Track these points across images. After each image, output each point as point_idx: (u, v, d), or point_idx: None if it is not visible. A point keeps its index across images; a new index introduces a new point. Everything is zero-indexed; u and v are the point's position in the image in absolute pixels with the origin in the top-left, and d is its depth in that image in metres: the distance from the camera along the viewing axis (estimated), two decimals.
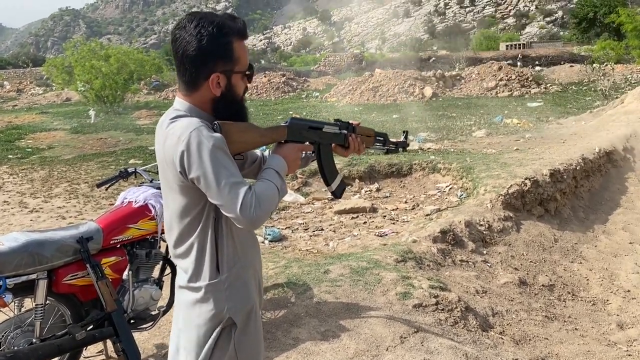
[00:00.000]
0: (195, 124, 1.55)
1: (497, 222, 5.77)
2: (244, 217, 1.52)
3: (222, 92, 1.64)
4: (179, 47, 1.60)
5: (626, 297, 5.02)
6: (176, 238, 1.69)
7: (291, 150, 1.75)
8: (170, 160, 1.58)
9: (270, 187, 1.61)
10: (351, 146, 1.90)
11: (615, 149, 7.98)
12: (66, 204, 7.27)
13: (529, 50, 43.85)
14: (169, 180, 1.64)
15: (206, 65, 1.60)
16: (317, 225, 6.26)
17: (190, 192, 1.60)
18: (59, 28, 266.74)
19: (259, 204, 1.54)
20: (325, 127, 1.85)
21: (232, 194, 1.52)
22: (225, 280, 1.67)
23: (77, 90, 23.20)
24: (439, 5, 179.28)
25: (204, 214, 1.63)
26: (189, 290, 1.69)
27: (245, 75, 1.69)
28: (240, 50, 1.65)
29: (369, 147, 2.04)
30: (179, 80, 1.67)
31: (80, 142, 13.30)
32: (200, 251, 1.65)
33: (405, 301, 3.72)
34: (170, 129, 1.60)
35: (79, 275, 2.82)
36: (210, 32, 1.58)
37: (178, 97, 1.69)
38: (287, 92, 27.55)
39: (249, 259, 1.74)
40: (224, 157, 1.55)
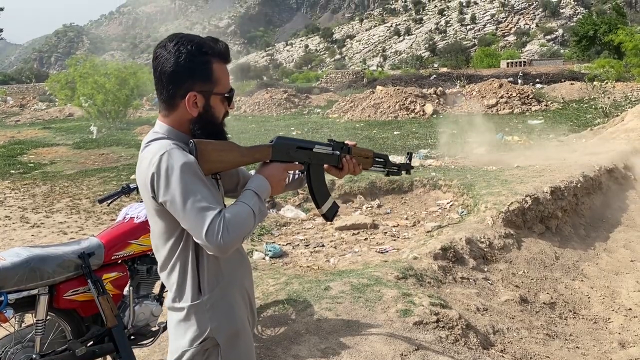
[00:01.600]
0: (166, 147, 1.54)
1: (498, 239, 5.77)
2: (210, 244, 1.49)
3: (199, 113, 1.62)
4: (157, 65, 1.61)
5: (628, 315, 5.00)
6: (162, 261, 1.69)
7: (275, 170, 1.70)
8: (143, 185, 1.58)
9: (244, 210, 1.56)
10: (345, 167, 1.86)
11: (616, 166, 8.00)
12: (67, 220, 7.29)
13: (530, 68, 44.16)
14: (147, 204, 1.64)
15: (183, 83, 1.59)
16: (318, 242, 6.26)
17: (166, 216, 1.59)
18: (62, 44, 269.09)
19: (226, 230, 1.49)
20: (316, 147, 1.79)
21: (199, 219, 1.49)
22: (207, 301, 1.65)
23: (79, 106, 23.35)
24: (439, 23, 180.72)
25: (184, 236, 1.62)
26: (173, 310, 1.68)
27: (226, 98, 1.67)
28: (220, 72, 1.64)
29: (366, 169, 1.98)
30: (158, 99, 1.67)
31: (82, 158, 13.36)
32: (182, 272, 1.64)
33: (405, 318, 3.71)
34: (144, 152, 1.60)
35: (80, 291, 2.83)
36: (189, 50, 1.58)
37: (158, 119, 1.69)
38: (288, 108, 27.69)
39: (234, 277, 1.72)
40: (194, 180, 1.52)
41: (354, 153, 1.89)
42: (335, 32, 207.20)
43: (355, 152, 1.90)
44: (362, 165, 1.94)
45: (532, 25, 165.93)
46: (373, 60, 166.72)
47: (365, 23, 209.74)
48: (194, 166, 1.53)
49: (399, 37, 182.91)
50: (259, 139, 15.48)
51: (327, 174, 1.88)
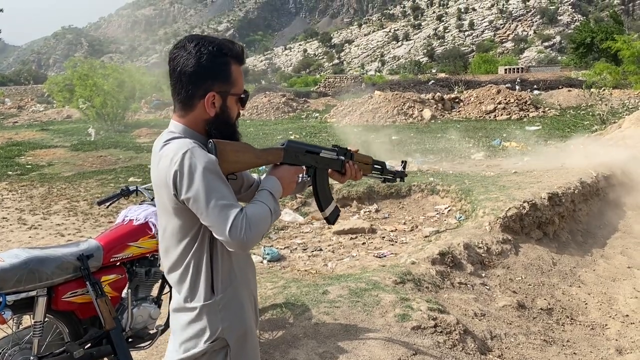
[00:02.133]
0: (188, 145, 1.56)
1: (496, 245, 5.78)
2: (233, 240, 1.52)
3: (216, 113, 1.65)
4: (176, 65, 1.62)
5: (625, 321, 5.00)
6: (173, 261, 1.68)
7: (287, 172, 1.75)
8: (164, 183, 1.59)
9: (263, 209, 1.60)
10: (348, 173, 1.91)
11: (613, 173, 8.02)
12: (65, 221, 7.28)
13: (527, 74, 44.34)
14: (164, 203, 1.64)
15: (203, 83, 1.62)
16: (315, 246, 6.26)
17: (185, 214, 1.60)
18: (61, 46, 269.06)
19: (249, 227, 1.52)
20: (322, 152, 1.84)
21: (222, 216, 1.52)
22: (220, 301, 1.66)
23: (77, 108, 23.35)
24: (438, 29, 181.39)
25: (200, 235, 1.63)
26: (183, 311, 1.69)
27: (240, 99, 1.70)
28: (237, 74, 1.68)
29: (366, 175, 2.04)
30: (174, 100, 1.68)
31: (80, 160, 13.34)
32: (196, 272, 1.65)
33: (403, 323, 3.72)
34: (163, 150, 1.61)
35: (78, 293, 2.82)
36: (210, 51, 1.61)
37: (173, 120, 1.70)
38: (287, 112, 27.71)
39: (244, 278, 1.74)
40: (216, 178, 1.55)
41: (356, 159, 1.95)
42: (333, 37, 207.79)
43: (357, 158, 1.96)
44: (362, 171, 1.99)
45: (529, 32, 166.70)
46: (371, 65, 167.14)
47: (363, 28, 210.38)
48: (216, 165, 1.57)
49: (397, 43, 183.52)
50: (257, 143, 15.49)
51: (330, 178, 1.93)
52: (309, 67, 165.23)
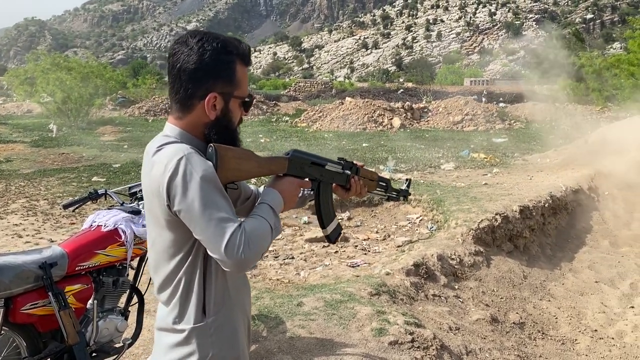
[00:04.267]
0: (184, 151, 1.41)
1: (468, 257, 5.76)
2: (229, 259, 1.36)
3: (217, 116, 1.50)
4: (176, 61, 1.48)
5: (594, 337, 5.04)
6: (164, 279, 1.53)
7: (290, 185, 1.59)
8: (156, 192, 1.43)
9: (263, 225, 1.45)
10: (353, 188, 1.77)
11: (580, 187, 8.15)
12: (23, 222, 6.92)
13: (493, 87, 45.24)
14: (155, 214, 1.49)
15: (205, 82, 1.47)
16: (287, 254, 6.12)
17: (178, 227, 1.45)
18: (23, 38, 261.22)
19: (247, 244, 1.37)
20: (328, 164, 1.71)
21: (218, 231, 1.37)
22: (212, 323, 1.51)
23: (39, 102, 22.60)
24: (406, 38, 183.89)
25: (194, 250, 1.48)
26: (170, 332, 1.53)
27: (244, 103, 1.57)
28: (242, 75, 1.54)
29: (370, 192, 1.91)
30: (171, 100, 1.54)
31: (41, 156, 12.83)
32: (186, 291, 1.50)
33: (380, 338, 3.62)
34: (156, 156, 1.46)
35: (39, 304, 2.61)
36: (214, 48, 1.48)
37: (168, 122, 1.55)
38: (256, 114, 27.46)
39: (239, 300, 1.59)
40: (214, 189, 1.40)
41: (362, 174, 1.82)
42: (304, 42, 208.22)
43: (362, 173, 1.83)
44: (367, 187, 1.86)
45: (495, 45, 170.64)
46: (340, 71, 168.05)
47: (334, 34, 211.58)
48: (214, 174, 1.42)
49: (367, 50, 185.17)
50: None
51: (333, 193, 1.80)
52: (278, 70, 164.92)
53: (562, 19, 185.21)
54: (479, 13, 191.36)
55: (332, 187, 1.76)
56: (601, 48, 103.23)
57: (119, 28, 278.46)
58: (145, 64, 66.18)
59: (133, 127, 20.49)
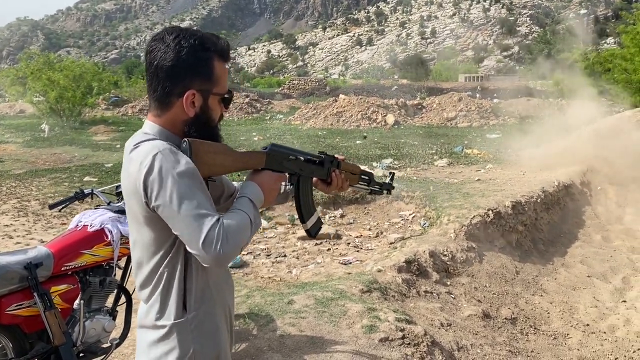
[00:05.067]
0: (160, 147, 1.41)
1: (461, 253, 5.76)
2: (208, 254, 1.35)
3: (196, 114, 1.50)
4: (153, 59, 1.47)
5: (586, 331, 5.05)
6: (145, 277, 1.52)
7: (269, 178, 1.59)
8: (133, 189, 1.43)
9: (242, 218, 1.44)
10: (334, 182, 1.77)
11: (573, 182, 8.17)
12: (14, 222, 6.89)
13: (487, 83, 45.30)
14: (134, 212, 1.48)
15: (182, 79, 1.47)
16: (279, 252, 6.11)
17: (157, 223, 1.44)
18: (15, 38, 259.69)
19: (226, 239, 1.36)
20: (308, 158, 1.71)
21: (195, 226, 1.36)
22: (193, 319, 1.51)
23: (31, 102, 22.50)
24: (401, 35, 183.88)
25: (174, 247, 1.47)
26: (151, 328, 1.52)
27: (223, 99, 1.56)
28: (221, 71, 1.53)
29: (352, 185, 1.90)
30: (150, 98, 1.53)
31: (33, 157, 12.78)
32: (167, 287, 1.49)
33: (371, 335, 3.61)
34: (133, 154, 1.45)
35: (24, 305, 2.59)
36: (191, 44, 1.46)
37: (147, 120, 1.55)
38: (250, 113, 27.43)
39: (220, 295, 1.58)
40: (192, 183, 1.39)
41: (343, 168, 1.81)
42: (298, 39, 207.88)
43: (344, 167, 1.81)
44: (348, 181, 1.85)
45: (489, 41, 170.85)
46: (335, 68, 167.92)
47: (328, 31, 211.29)
48: (193, 169, 1.41)
49: (361, 47, 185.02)
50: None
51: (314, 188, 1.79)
52: (272, 68, 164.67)
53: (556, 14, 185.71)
54: (472, 9, 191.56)
55: (313, 182, 1.76)
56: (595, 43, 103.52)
57: (112, 27, 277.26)
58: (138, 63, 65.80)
59: (126, 127, 20.40)
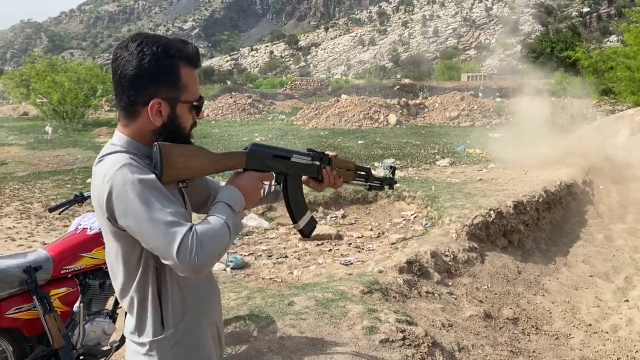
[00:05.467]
0: (123, 161, 1.36)
1: (462, 253, 5.75)
2: (182, 264, 1.30)
3: (163, 122, 1.45)
4: (117, 67, 1.43)
5: (588, 331, 5.03)
6: (119, 289, 1.51)
7: (249, 179, 1.53)
8: (97, 204, 1.40)
9: (218, 224, 1.38)
10: (325, 180, 1.72)
11: (575, 181, 8.14)
12: (17, 225, 6.91)
13: (490, 82, 45.20)
14: (102, 225, 1.46)
15: (146, 88, 1.42)
16: (281, 252, 6.11)
17: (123, 238, 1.41)
18: (19, 40, 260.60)
19: (200, 246, 1.31)
20: (294, 156, 1.65)
21: (168, 237, 1.31)
22: (172, 336, 1.48)
23: (35, 105, 22.58)
24: (403, 35, 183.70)
25: (142, 264, 1.44)
26: (134, 342, 1.52)
27: (194, 107, 1.51)
28: (189, 78, 1.48)
29: (347, 182, 1.85)
30: (118, 107, 1.49)
31: (36, 159, 12.82)
32: (141, 305, 1.47)
33: (371, 336, 3.61)
34: (98, 167, 1.42)
35: (24, 308, 2.61)
36: (154, 52, 1.42)
37: (117, 130, 1.51)
38: (252, 113, 27.45)
39: (203, 307, 1.55)
40: (157, 194, 1.34)
41: (335, 164, 1.76)
42: (300, 40, 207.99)
43: (336, 163, 1.76)
44: (343, 177, 1.80)
45: (492, 40, 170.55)
46: (337, 68, 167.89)
47: (330, 32, 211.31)
48: (154, 180, 1.36)
49: (363, 47, 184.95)
50: (221, 144, 15.22)
51: (306, 186, 1.74)
52: (275, 69, 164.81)
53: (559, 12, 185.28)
54: (475, 8, 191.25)
55: (304, 180, 1.71)
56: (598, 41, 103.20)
57: (115, 29, 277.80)
58: None
59: None
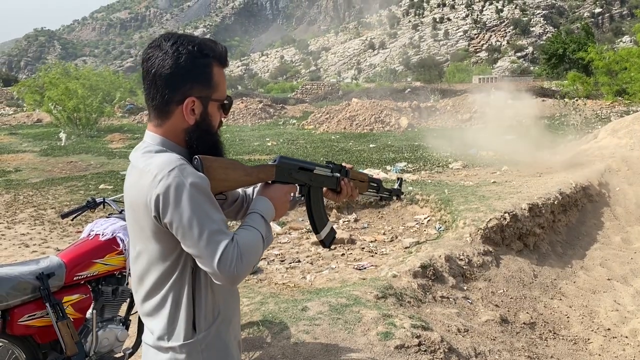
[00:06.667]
0: (176, 162, 1.36)
1: (477, 257, 5.67)
2: (222, 273, 1.33)
3: (196, 121, 1.45)
4: (151, 66, 1.42)
5: (607, 335, 4.94)
6: (147, 291, 1.48)
7: (279, 191, 1.56)
8: (143, 203, 1.38)
9: (255, 236, 1.42)
10: (343, 191, 1.74)
11: (591, 183, 8.03)
12: (31, 231, 6.94)
13: (502, 84, 44.86)
14: (140, 225, 1.43)
15: (181, 86, 1.42)
16: (293, 257, 6.07)
17: (165, 237, 1.40)
18: (33, 48, 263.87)
19: (240, 259, 1.34)
20: (316, 168, 1.68)
21: (211, 245, 1.33)
22: (203, 340, 1.46)
23: (48, 112, 22.81)
24: (413, 38, 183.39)
25: (181, 263, 1.43)
26: (158, 350, 1.48)
27: (222, 105, 1.52)
28: (220, 77, 1.49)
29: (362, 193, 1.89)
30: (149, 107, 1.48)
31: (50, 165, 12.92)
32: (175, 306, 1.45)
33: (386, 342, 3.55)
34: (145, 166, 1.40)
35: (37, 316, 2.59)
36: (190, 51, 1.42)
37: (148, 130, 1.50)
38: (264, 118, 27.52)
39: (230, 313, 1.54)
40: (206, 201, 1.36)
41: (351, 176, 1.79)
42: (310, 44, 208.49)
43: (352, 175, 1.80)
44: (357, 189, 1.83)
45: (503, 42, 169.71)
46: (348, 72, 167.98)
47: (340, 36, 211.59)
48: (207, 186, 1.38)
49: (374, 51, 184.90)
50: (233, 149, 15.25)
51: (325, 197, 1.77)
52: (285, 74, 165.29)
53: (570, 14, 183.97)
54: (485, 10, 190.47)
55: (323, 192, 1.74)
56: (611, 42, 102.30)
57: (127, 36, 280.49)
58: None
59: (141, 134, 20.35)
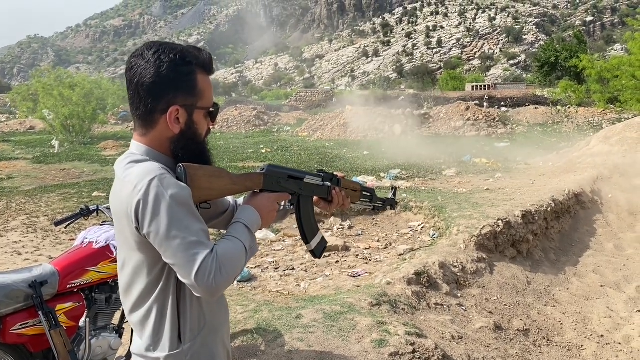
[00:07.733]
0: (156, 171, 1.35)
1: (471, 264, 5.69)
2: (200, 286, 1.31)
3: (181, 130, 1.44)
4: (134, 76, 1.41)
5: (600, 342, 4.96)
6: (133, 302, 1.47)
7: (266, 200, 1.54)
8: (124, 213, 1.38)
9: (237, 246, 1.40)
10: (335, 200, 1.72)
11: (583, 191, 8.07)
12: (23, 239, 6.90)
13: (495, 92, 45.16)
14: (125, 235, 1.43)
15: (164, 95, 1.41)
16: (288, 264, 6.06)
17: (147, 248, 1.39)
18: (26, 55, 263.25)
19: (219, 270, 1.32)
20: (306, 177, 1.66)
21: (189, 256, 1.31)
22: (189, 350, 1.45)
23: (41, 119, 22.73)
24: (407, 46, 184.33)
25: (165, 274, 1.42)
26: (144, 359, 1.48)
27: (209, 113, 1.50)
28: (204, 84, 1.47)
29: (354, 202, 1.87)
30: (134, 117, 1.47)
31: (42, 173, 12.86)
32: (160, 317, 1.44)
33: (381, 349, 3.55)
34: (126, 176, 1.39)
35: (29, 324, 2.57)
36: (172, 59, 1.41)
37: (134, 140, 1.49)
38: (258, 125, 27.52)
39: (217, 322, 1.53)
40: (186, 212, 1.34)
41: (343, 185, 1.77)
42: (304, 52, 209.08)
43: (344, 184, 1.78)
44: (350, 198, 1.82)
45: (496, 50, 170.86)
46: (342, 80, 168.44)
47: (334, 44, 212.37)
48: (188, 196, 1.36)
49: (367, 58, 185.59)
50: (227, 156, 15.24)
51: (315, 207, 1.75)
52: (280, 81, 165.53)
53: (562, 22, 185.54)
54: (478, 19, 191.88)
55: (314, 200, 1.72)
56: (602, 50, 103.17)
57: (121, 43, 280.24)
58: None
59: None
